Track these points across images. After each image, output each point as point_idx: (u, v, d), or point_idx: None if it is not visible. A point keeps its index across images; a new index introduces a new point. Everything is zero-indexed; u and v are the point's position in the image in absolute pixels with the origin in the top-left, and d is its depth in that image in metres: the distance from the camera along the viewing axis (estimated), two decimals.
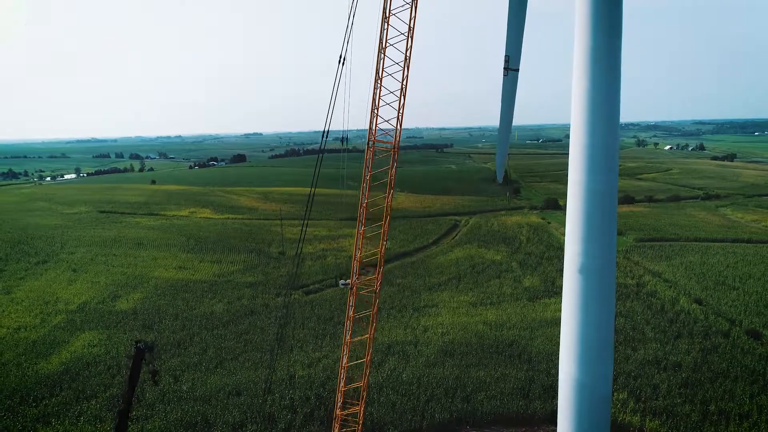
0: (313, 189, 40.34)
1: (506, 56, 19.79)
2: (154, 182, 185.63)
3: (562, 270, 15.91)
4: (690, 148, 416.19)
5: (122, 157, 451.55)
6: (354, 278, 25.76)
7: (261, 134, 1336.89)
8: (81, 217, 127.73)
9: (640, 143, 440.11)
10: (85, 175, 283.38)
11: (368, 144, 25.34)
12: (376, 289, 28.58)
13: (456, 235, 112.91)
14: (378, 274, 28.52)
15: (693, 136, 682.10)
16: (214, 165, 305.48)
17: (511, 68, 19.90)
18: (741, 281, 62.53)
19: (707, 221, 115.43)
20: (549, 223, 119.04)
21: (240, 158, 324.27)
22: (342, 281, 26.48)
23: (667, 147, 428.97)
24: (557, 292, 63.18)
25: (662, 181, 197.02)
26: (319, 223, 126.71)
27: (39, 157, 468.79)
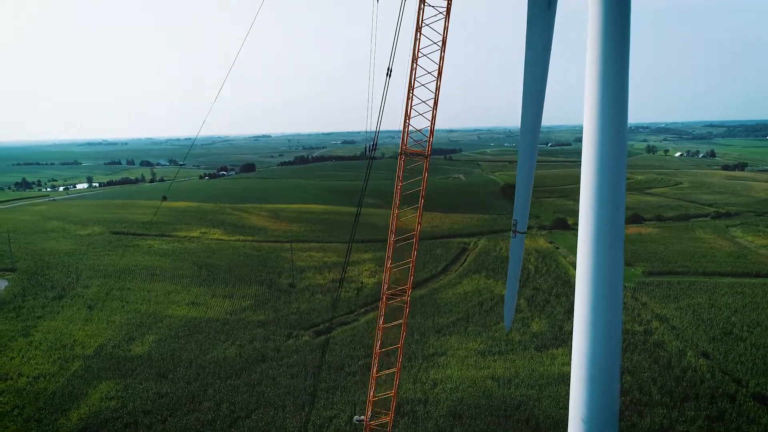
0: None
1: (514, 220, 20.60)
2: (165, 198, 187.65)
3: (569, 311, 16.88)
4: (701, 155, 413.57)
5: (133, 163, 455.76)
6: (367, 418, 26.41)
7: (270, 136, 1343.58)
8: (94, 240, 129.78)
9: (650, 150, 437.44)
10: (97, 185, 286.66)
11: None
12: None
13: (464, 260, 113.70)
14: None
15: (704, 140, 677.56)
16: (224, 175, 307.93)
17: (518, 231, 20.66)
18: (749, 330, 62.94)
19: (716, 247, 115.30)
20: (557, 248, 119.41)
21: (249, 168, 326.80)
22: (356, 417, 27.22)
23: (678, 154, 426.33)
24: (565, 340, 63.88)
25: (672, 197, 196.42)
26: (329, 246, 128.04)
27: (51, 164, 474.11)
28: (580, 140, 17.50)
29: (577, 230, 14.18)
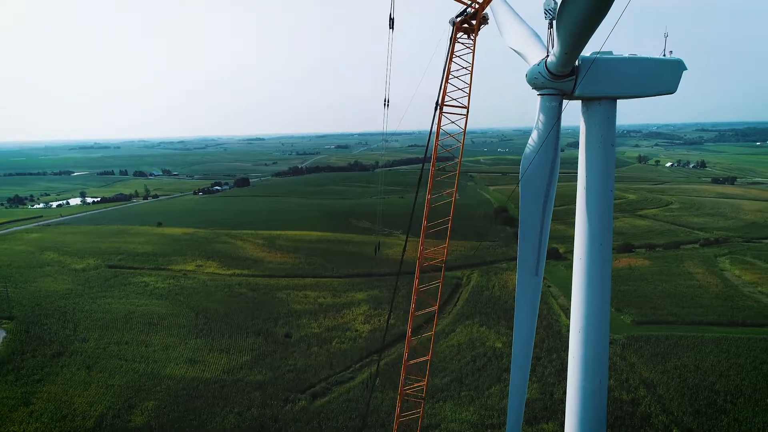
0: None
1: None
2: (160, 224, 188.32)
3: (561, 371, 18.93)
4: (691, 165, 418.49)
5: (126, 173, 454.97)
6: None
7: (263, 139, 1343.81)
8: (90, 276, 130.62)
9: (642, 159, 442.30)
10: (90, 201, 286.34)
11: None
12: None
13: (457, 300, 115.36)
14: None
15: (695, 145, 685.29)
16: (218, 190, 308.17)
17: None
18: (732, 401, 64.97)
19: (705, 286, 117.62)
20: (549, 287, 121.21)
21: (243, 182, 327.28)
22: None
23: (669, 164, 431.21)
24: (555, 410, 65.60)
25: (662, 219, 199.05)
26: (322, 282, 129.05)
27: (43, 173, 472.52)
28: (569, 145, 19.75)
29: (569, 260, 17.55)
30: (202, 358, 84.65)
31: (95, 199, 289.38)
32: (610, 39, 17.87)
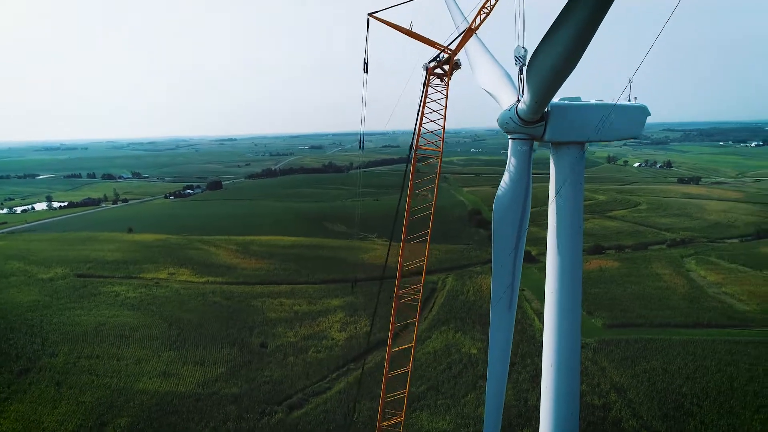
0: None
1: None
2: (131, 230, 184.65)
3: (536, 377, 19.67)
4: (658, 165, 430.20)
5: (94, 176, 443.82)
6: None
7: (235, 139, 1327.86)
8: (58, 286, 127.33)
9: (611, 160, 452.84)
10: (57, 206, 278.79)
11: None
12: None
13: (433, 305, 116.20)
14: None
15: (661, 145, 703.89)
16: (190, 194, 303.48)
17: None
18: (698, 403, 67.28)
19: (672, 287, 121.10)
20: (523, 290, 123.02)
21: (216, 185, 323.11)
22: None
23: (636, 164, 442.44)
24: (530, 417, 66.83)
25: (631, 220, 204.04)
26: (298, 289, 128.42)
27: (6, 177, 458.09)
28: (540, 145, 20.68)
29: (542, 262, 18.57)
30: (176, 371, 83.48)
31: (62, 204, 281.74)
32: (580, 85, 18.44)
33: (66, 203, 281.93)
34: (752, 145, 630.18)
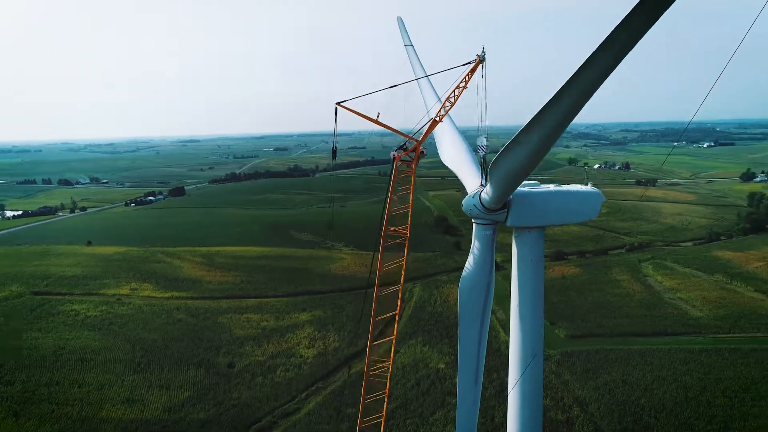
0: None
1: None
2: (90, 243, 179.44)
3: (501, 395, 20.30)
4: (617, 167, 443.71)
5: (50, 182, 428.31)
6: None
7: (198, 140, 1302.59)
8: (14, 305, 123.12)
9: (572, 162, 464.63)
10: (10, 215, 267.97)
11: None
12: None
13: (400, 317, 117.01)
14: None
15: (620, 145, 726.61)
16: (152, 201, 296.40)
17: None
18: (655, 415, 70.19)
19: (630, 294, 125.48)
20: None
21: (179, 191, 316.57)
22: None
23: (596, 166, 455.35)
24: None
25: (591, 224, 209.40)
26: (265, 303, 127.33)
27: None
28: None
29: (508, 269, 19.35)
30: (141, 396, 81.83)
31: (16, 213, 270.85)
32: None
33: (20, 212, 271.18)
34: (704, 145, 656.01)
